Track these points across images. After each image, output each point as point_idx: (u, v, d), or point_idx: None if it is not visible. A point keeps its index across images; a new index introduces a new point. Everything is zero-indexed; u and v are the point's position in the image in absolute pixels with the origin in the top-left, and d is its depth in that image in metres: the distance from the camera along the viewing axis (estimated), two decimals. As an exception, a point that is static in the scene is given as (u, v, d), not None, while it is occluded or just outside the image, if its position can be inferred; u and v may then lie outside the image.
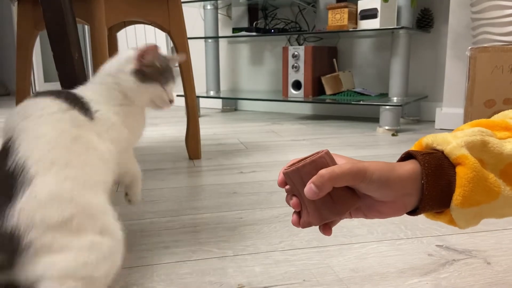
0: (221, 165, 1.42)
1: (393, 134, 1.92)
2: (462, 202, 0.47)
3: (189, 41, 1.43)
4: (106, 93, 0.75)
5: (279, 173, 0.52)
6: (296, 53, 2.27)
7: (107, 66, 0.78)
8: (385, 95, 2.23)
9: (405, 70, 2.04)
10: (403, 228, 0.87)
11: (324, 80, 2.26)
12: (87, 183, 0.58)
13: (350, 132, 2.01)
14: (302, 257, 0.76)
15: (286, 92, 2.36)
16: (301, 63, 2.27)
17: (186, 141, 1.49)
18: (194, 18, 2.85)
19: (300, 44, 2.58)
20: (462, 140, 0.48)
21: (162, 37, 2.95)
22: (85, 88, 0.75)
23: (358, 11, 2.06)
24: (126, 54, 0.78)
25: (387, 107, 1.97)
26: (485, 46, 1.57)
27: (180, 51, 1.37)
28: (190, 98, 1.44)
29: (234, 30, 2.54)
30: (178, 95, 1.69)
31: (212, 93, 2.71)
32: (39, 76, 3.73)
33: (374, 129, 2.07)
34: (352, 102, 2.10)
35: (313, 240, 0.82)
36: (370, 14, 2.00)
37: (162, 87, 0.78)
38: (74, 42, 0.89)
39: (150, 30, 2.96)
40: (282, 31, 2.49)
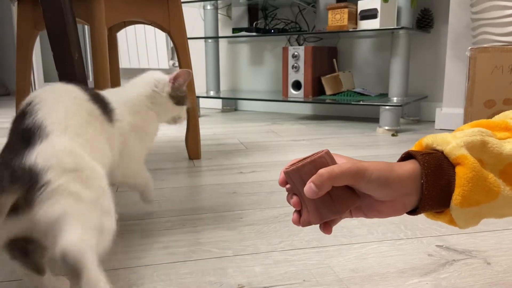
0: (221, 165, 1.42)
1: (393, 134, 1.92)
2: (461, 202, 0.47)
3: (189, 41, 1.43)
4: (137, 108, 0.84)
5: (280, 172, 0.52)
6: (296, 53, 2.27)
7: (140, 83, 0.88)
8: (385, 95, 2.23)
9: (405, 70, 2.04)
10: (403, 228, 0.87)
11: (324, 80, 2.26)
12: (93, 156, 0.62)
13: (350, 132, 2.01)
14: (302, 257, 0.76)
15: (286, 92, 2.36)
16: (301, 63, 2.27)
17: (186, 141, 1.49)
18: (194, 18, 2.85)
19: (300, 44, 2.58)
20: (462, 140, 0.48)
21: (162, 37, 2.95)
22: (117, 94, 0.84)
23: (358, 11, 2.06)
24: (160, 76, 0.88)
25: (387, 107, 1.97)
26: (485, 46, 1.57)
27: (180, 51, 1.38)
28: (190, 98, 1.44)
29: (234, 30, 2.54)
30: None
31: (212, 93, 2.71)
32: (39, 76, 3.72)
33: (374, 129, 2.07)
34: (352, 102, 2.10)
35: (313, 240, 0.82)
36: (370, 14, 2.00)
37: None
38: (74, 42, 0.89)
39: (150, 30, 2.96)
40: (282, 31, 2.49)
